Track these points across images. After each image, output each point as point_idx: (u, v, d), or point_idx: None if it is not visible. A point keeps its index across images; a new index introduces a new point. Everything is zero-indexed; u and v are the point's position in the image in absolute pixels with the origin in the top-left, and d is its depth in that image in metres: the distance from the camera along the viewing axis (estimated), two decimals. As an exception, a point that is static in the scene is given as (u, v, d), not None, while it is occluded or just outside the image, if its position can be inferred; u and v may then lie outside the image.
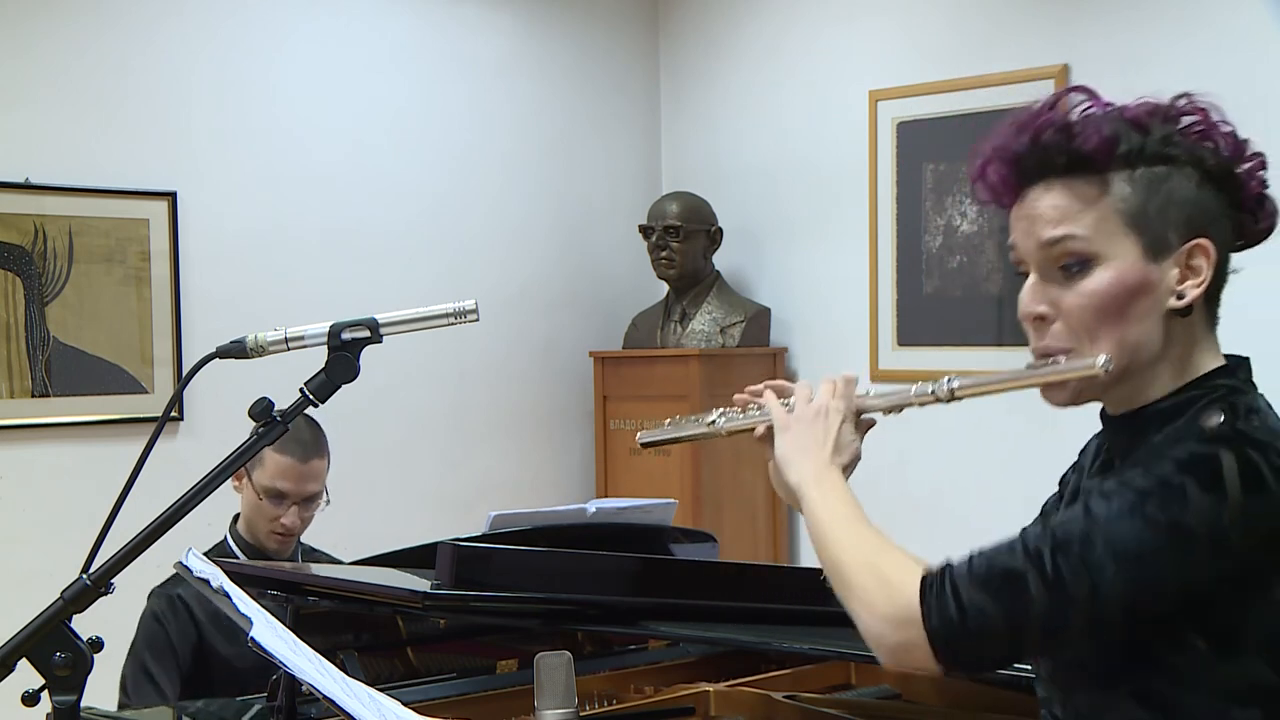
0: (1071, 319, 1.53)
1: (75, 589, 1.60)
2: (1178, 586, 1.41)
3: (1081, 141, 1.53)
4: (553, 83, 5.43)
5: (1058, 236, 1.53)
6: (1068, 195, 1.54)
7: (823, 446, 1.63)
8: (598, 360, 5.33)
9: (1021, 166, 1.57)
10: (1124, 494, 1.42)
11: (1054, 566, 1.40)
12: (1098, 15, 4.55)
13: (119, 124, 4.39)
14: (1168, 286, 1.52)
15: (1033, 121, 1.57)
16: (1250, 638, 1.44)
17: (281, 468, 3.07)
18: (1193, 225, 1.53)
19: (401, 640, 2.51)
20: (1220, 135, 1.58)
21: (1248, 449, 1.43)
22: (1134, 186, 1.52)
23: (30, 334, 4.21)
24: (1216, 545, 1.39)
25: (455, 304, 1.72)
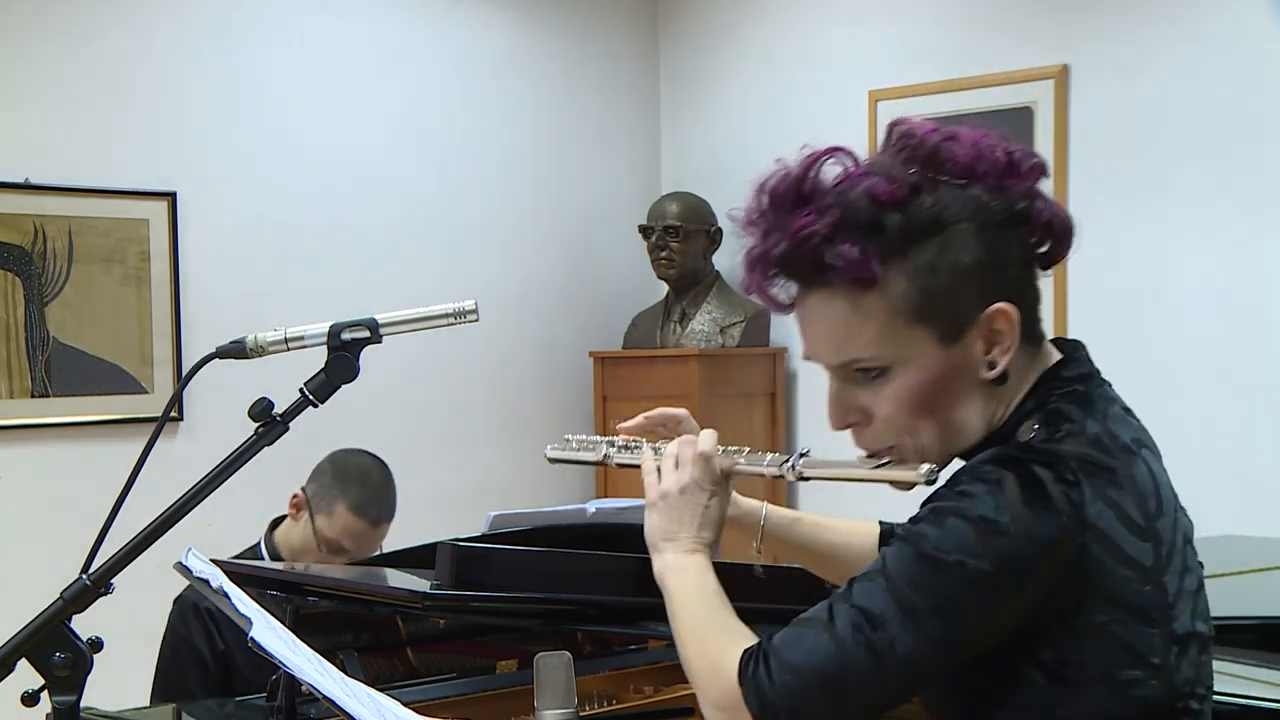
0: (885, 423, 1.47)
1: (75, 589, 1.60)
2: (984, 628, 1.36)
3: (836, 273, 1.42)
4: (552, 83, 5.42)
5: (844, 361, 1.47)
6: (840, 311, 1.44)
7: (686, 528, 1.60)
8: (597, 360, 5.33)
9: (785, 275, 1.48)
10: (911, 537, 1.38)
11: (854, 627, 1.36)
12: (1097, 16, 4.55)
13: (119, 124, 4.39)
14: (975, 360, 1.45)
15: (787, 217, 1.45)
16: (1083, 666, 1.37)
17: (351, 528, 3.05)
18: (985, 292, 1.43)
19: (401, 640, 2.51)
20: (990, 161, 1.45)
21: (1033, 466, 1.36)
22: (910, 278, 1.41)
23: (30, 334, 4.21)
24: (1011, 578, 1.34)
25: (455, 304, 1.72)
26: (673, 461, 1.64)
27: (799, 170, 1.48)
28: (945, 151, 1.44)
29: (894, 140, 1.49)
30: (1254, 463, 4.24)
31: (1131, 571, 1.37)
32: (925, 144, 1.45)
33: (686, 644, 1.52)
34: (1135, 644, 1.38)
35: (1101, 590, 1.36)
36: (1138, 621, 1.37)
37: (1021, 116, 4.67)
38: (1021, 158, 1.47)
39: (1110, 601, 1.36)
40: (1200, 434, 4.30)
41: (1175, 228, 4.43)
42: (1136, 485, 1.41)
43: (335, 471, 3.12)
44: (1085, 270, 4.53)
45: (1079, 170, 4.58)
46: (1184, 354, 4.38)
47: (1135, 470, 1.42)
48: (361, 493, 3.07)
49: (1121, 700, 1.38)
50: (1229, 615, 2.68)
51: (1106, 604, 1.36)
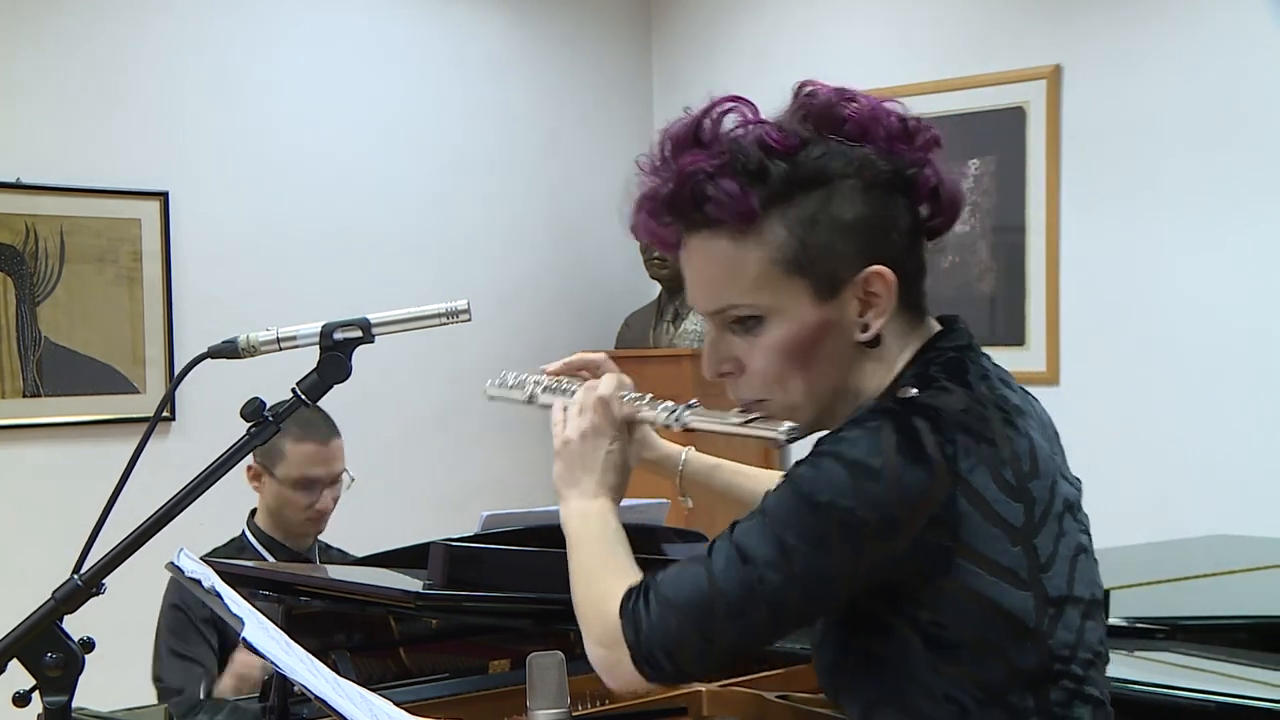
0: (756, 374, 1.49)
1: (66, 589, 1.60)
2: (853, 573, 1.37)
3: (714, 210, 1.44)
4: (546, 82, 5.43)
5: (720, 307, 1.48)
6: (720, 253, 1.45)
7: (589, 474, 1.62)
8: (590, 360, 5.33)
9: (668, 215, 1.49)
10: (790, 479, 1.40)
11: (726, 561, 1.39)
12: (1091, 14, 4.56)
13: (111, 124, 4.38)
14: (849, 321, 1.46)
15: (677, 157, 1.47)
16: (957, 629, 1.38)
17: (308, 455, 3.09)
18: (863, 251, 1.44)
19: (394, 640, 2.51)
20: (883, 125, 1.46)
21: (912, 417, 1.38)
22: (789, 228, 1.43)
23: (22, 334, 4.20)
24: (881, 524, 1.35)
25: (447, 304, 1.72)
26: (576, 408, 1.66)
27: (697, 114, 1.50)
28: (840, 110, 1.46)
29: (796, 98, 1.51)
30: (1247, 461, 4.25)
31: (999, 529, 1.38)
32: (820, 100, 1.48)
33: (577, 584, 1.55)
34: (1005, 604, 1.38)
35: (969, 546, 1.37)
36: (1006, 582, 1.38)
37: (1014, 116, 4.68)
38: (916, 127, 1.48)
39: (977, 559, 1.37)
40: (1193, 432, 4.31)
41: (1168, 227, 4.43)
42: (1011, 446, 1.42)
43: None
44: (1078, 269, 4.54)
45: (1071, 170, 4.59)
46: (1177, 352, 4.39)
47: (1010, 432, 1.43)
48: (297, 423, 3.07)
49: (996, 663, 1.39)
50: (1222, 615, 2.69)
51: (974, 561, 1.37)
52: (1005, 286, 4.73)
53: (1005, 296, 4.72)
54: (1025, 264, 4.63)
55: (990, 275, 4.76)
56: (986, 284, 4.78)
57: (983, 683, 1.39)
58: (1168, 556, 3.50)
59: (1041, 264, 4.57)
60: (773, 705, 2.34)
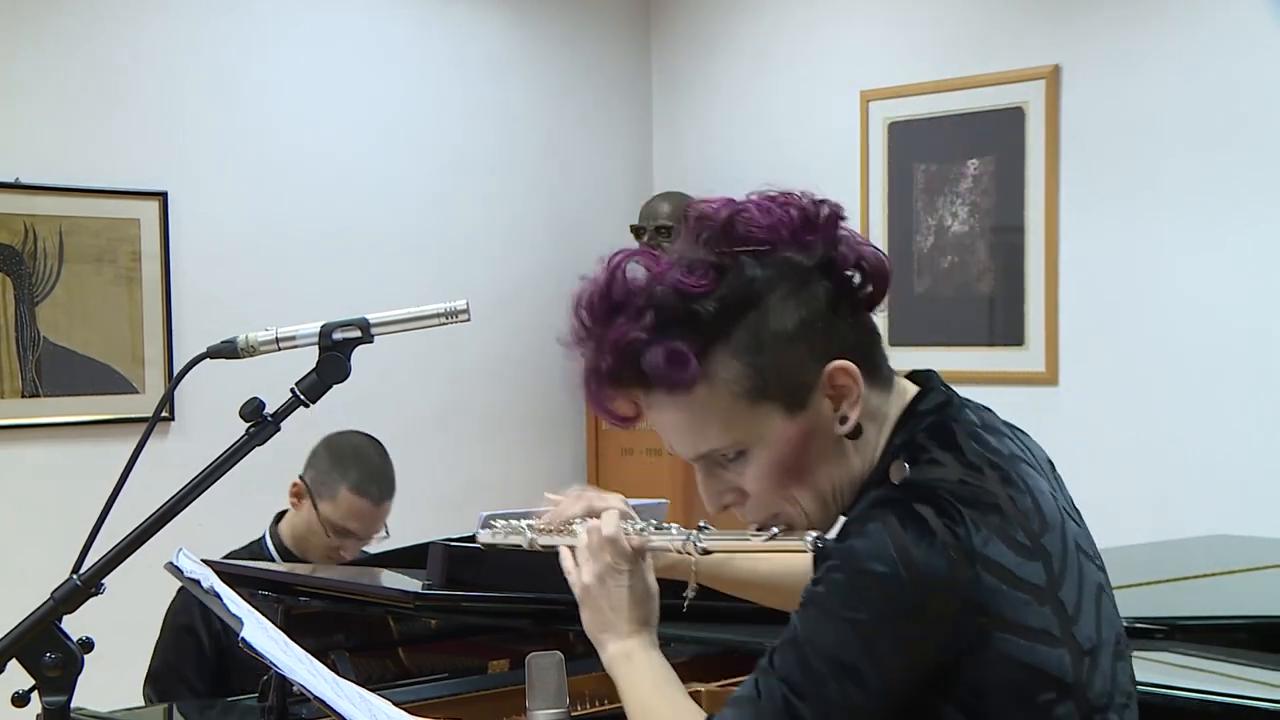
0: (759, 499, 1.48)
1: (65, 589, 1.60)
2: (902, 673, 1.36)
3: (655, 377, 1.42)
4: (545, 82, 5.43)
5: (700, 454, 1.48)
6: (682, 409, 1.44)
7: (618, 614, 1.60)
8: (589, 360, 5.33)
9: (618, 385, 1.47)
10: (815, 599, 1.38)
11: (784, 700, 1.37)
12: (1090, 15, 4.56)
13: (110, 123, 4.38)
14: (827, 421, 1.45)
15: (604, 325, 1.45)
16: (997, 696, 1.37)
17: (355, 509, 3.05)
18: (816, 353, 1.43)
19: (393, 640, 2.51)
20: (784, 220, 1.44)
21: (914, 504, 1.37)
22: (738, 357, 1.41)
23: (21, 334, 4.20)
24: (913, 622, 1.34)
25: (446, 304, 1.72)
26: (585, 553, 1.64)
27: (604, 278, 1.48)
28: (738, 224, 1.44)
29: (691, 225, 1.48)
30: (1246, 461, 4.25)
31: (1025, 594, 1.37)
32: (717, 221, 1.45)
33: None
34: (1043, 666, 1.37)
35: (1000, 618, 1.36)
36: (1040, 643, 1.37)
37: (1013, 116, 4.68)
38: (815, 209, 1.46)
39: (1010, 628, 1.36)
40: (1193, 432, 4.31)
41: (1167, 227, 4.43)
42: (1015, 506, 1.40)
43: (332, 455, 3.12)
44: (1077, 269, 4.54)
45: (1070, 170, 4.59)
46: (1176, 352, 4.39)
47: (1012, 490, 1.42)
48: (361, 473, 3.07)
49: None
50: (1220, 615, 2.69)
51: (1007, 630, 1.36)
52: (1004, 286, 4.73)
53: (1004, 296, 4.72)
54: (1024, 264, 4.63)
55: (989, 275, 4.75)
56: (985, 284, 4.78)
57: None
58: (1167, 556, 3.50)
59: (1040, 264, 4.56)
60: (772, 705, 2.34)
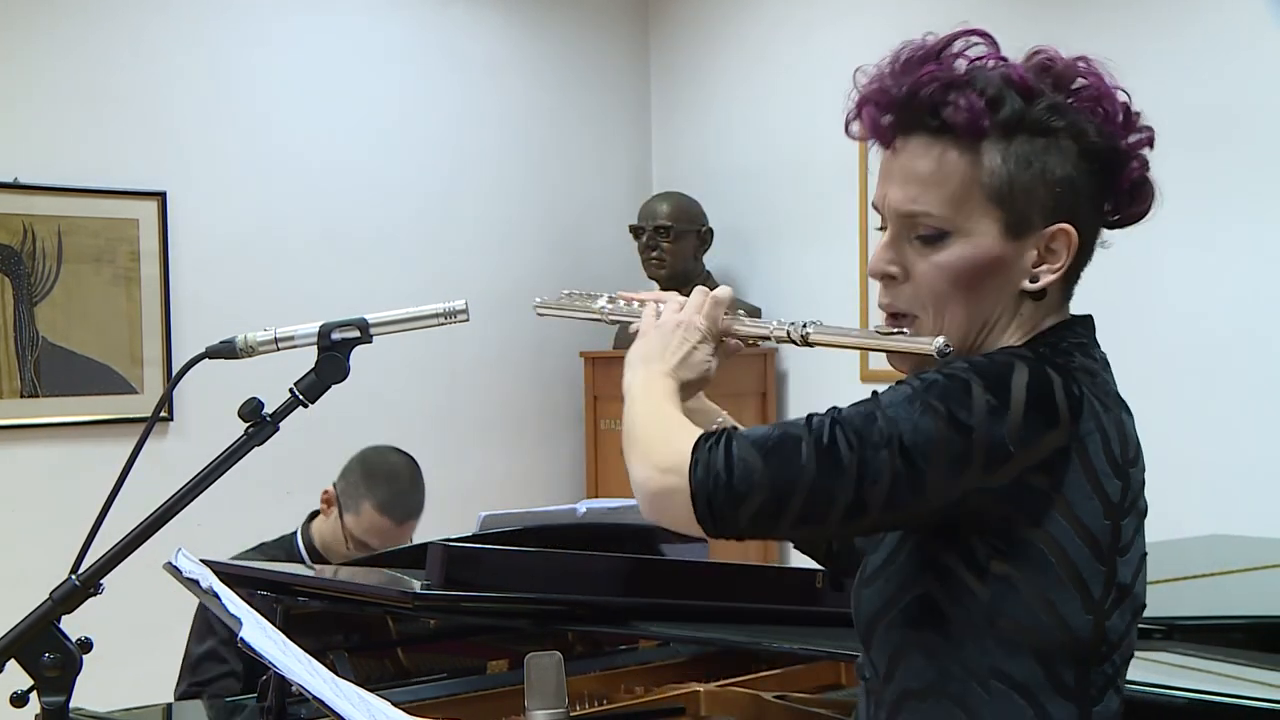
0: (920, 287, 1.50)
1: (64, 590, 1.60)
2: (946, 485, 1.37)
3: (951, 115, 1.47)
4: (544, 83, 5.43)
5: (916, 211, 1.49)
6: (934, 160, 1.48)
7: (669, 357, 1.60)
8: (588, 360, 5.33)
9: (895, 114, 1.52)
10: (911, 382, 1.41)
11: (830, 437, 1.37)
12: (1088, 15, 4.56)
13: (108, 124, 4.38)
14: (1023, 267, 1.49)
15: (916, 68, 1.53)
16: (1028, 582, 1.40)
17: (377, 527, 3.08)
18: (1060, 208, 1.48)
19: (392, 641, 2.51)
20: (1112, 104, 1.52)
21: (1047, 367, 1.42)
22: (1006, 159, 1.46)
23: (19, 334, 4.20)
24: (991, 452, 1.36)
25: (445, 304, 1.72)
26: (677, 302, 1.65)
27: (947, 36, 1.57)
28: (1079, 76, 1.52)
29: (1034, 59, 1.55)
30: (1246, 461, 4.25)
31: (1097, 498, 1.41)
32: (1062, 64, 1.53)
33: (639, 420, 1.51)
34: (1080, 568, 1.41)
35: (1067, 501, 1.39)
36: (1088, 547, 1.41)
37: (1012, 117, 4.68)
38: (1136, 121, 1.54)
39: (1070, 518, 1.40)
40: (1192, 432, 4.31)
41: (1165, 226, 4.40)
42: (1120, 427, 1.47)
43: (364, 470, 3.15)
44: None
45: (1069, 170, 4.59)
46: (1174, 352, 4.39)
47: (1121, 415, 1.49)
48: (387, 493, 3.10)
49: (1054, 625, 1.41)
50: (1219, 614, 2.69)
51: (1066, 518, 1.40)
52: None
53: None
54: (1023, 264, 4.62)
55: (988, 275, 4.77)
56: (984, 284, 4.79)
57: (1034, 645, 1.41)
58: (1166, 556, 3.50)
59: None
60: (770, 705, 2.35)
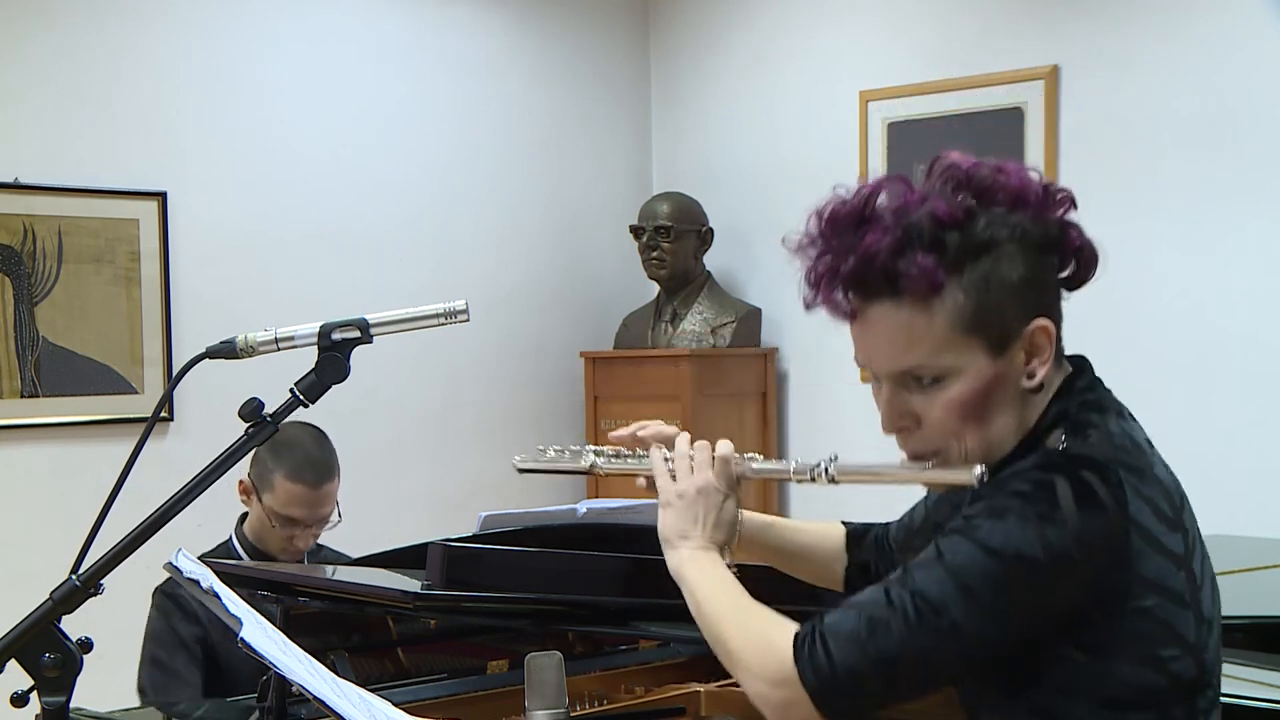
0: (935, 428, 1.58)
1: (64, 590, 1.60)
2: (1035, 614, 1.48)
3: (909, 280, 1.53)
4: (543, 83, 5.42)
5: (905, 368, 1.56)
6: (905, 320, 1.55)
7: (701, 528, 1.68)
8: (588, 360, 5.33)
9: (852, 290, 1.58)
10: (969, 531, 1.49)
11: (915, 611, 1.46)
12: (1088, 15, 4.56)
13: (108, 123, 4.38)
14: (1018, 372, 1.57)
15: (850, 233, 1.58)
16: (1125, 645, 1.50)
17: (294, 495, 3.02)
18: (1029, 308, 1.56)
19: (392, 641, 2.51)
20: (1031, 191, 1.58)
21: (1082, 471, 1.49)
22: (967, 291, 1.53)
23: (19, 334, 4.20)
24: (1064, 569, 1.46)
25: (445, 304, 1.72)
26: (687, 462, 1.72)
27: (860, 197, 1.59)
28: (997, 182, 1.57)
29: (939, 172, 1.60)
30: (1246, 461, 4.25)
31: (1167, 560, 1.51)
32: (977, 175, 1.58)
33: (724, 628, 1.59)
34: (1173, 623, 1.51)
35: (1142, 577, 1.49)
36: (1174, 604, 1.51)
37: (1012, 117, 4.68)
38: (1054, 191, 1.60)
39: (1150, 587, 1.49)
40: (1189, 433, 4.30)
41: (1165, 226, 4.43)
42: (1161, 481, 1.56)
43: (268, 448, 3.08)
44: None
45: (1069, 170, 4.59)
46: (1175, 351, 4.39)
47: (1157, 468, 1.57)
48: (294, 459, 3.03)
49: (1158, 674, 1.51)
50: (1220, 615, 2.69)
51: (1147, 590, 1.49)
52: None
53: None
54: (1023, 264, 4.62)
55: (988, 275, 4.76)
56: (984, 284, 4.78)
57: (1143, 700, 1.51)
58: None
59: (1039, 264, 4.56)
60: (771, 705, 2.34)
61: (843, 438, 5.03)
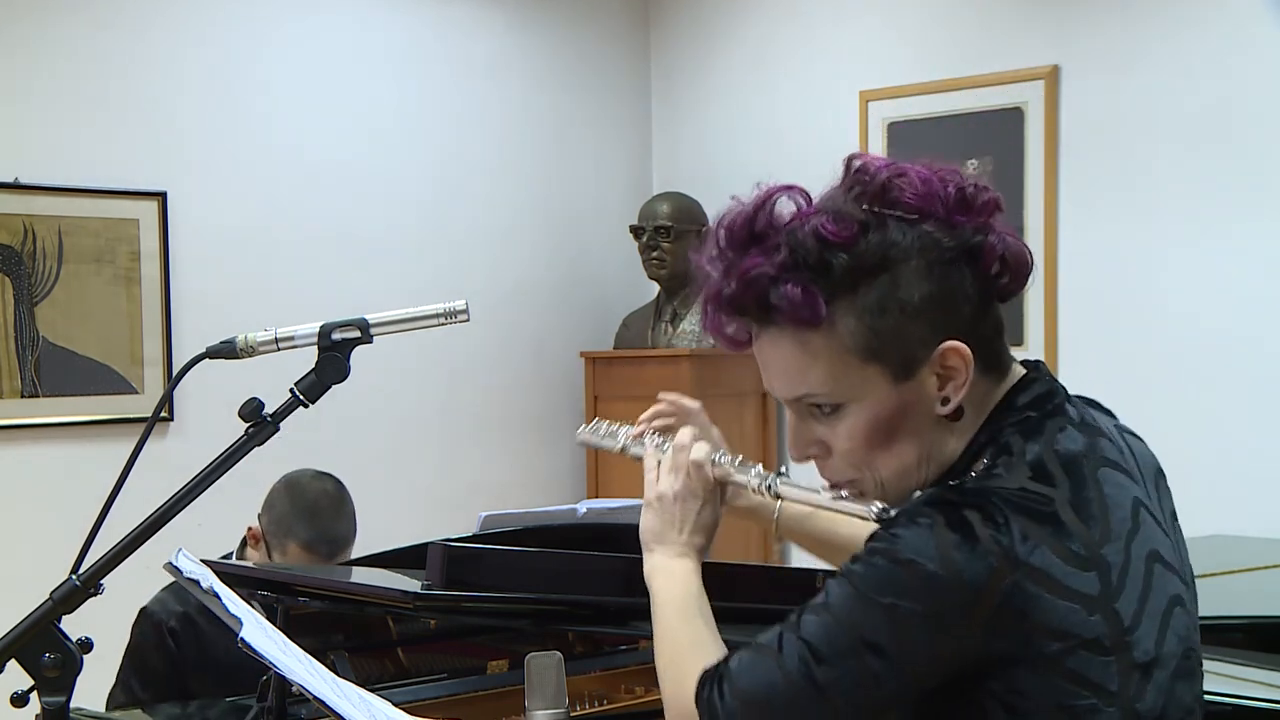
0: (843, 456, 1.48)
1: (64, 590, 1.60)
2: (922, 665, 1.37)
3: (779, 318, 1.43)
4: (544, 83, 5.42)
5: (798, 395, 1.48)
6: (794, 347, 1.45)
7: (679, 531, 1.65)
8: (588, 360, 5.33)
9: (737, 314, 1.48)
10: (849, 583, 1.38)
11: (800, 664, 1.38)
12: (1088, 15, 4.56)
13: (109, 124, 4.38)
14: (929, 397, 1.45)
15: (741, 252, 1.46)
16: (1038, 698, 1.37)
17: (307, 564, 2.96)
18: (935, 328, 1.42)
19: (392, 641, 2.51)
20: (941, 197, 1.44)
21: (965, 510, 1.36)
22: (860, 316, 1.41)
23: (19, 334, 4.20)
24: (946, 618, 1.34)
25: (445, 304, 1.72)
26: (670, 462, 1.68)
27: (752, 208, 1.47)
28: (894, 188, 1.43)
29: (849, 175, 1.48)
30: (1246, 461, 4.25)
31: (1074, 603, 1.36)
32: (875, 180, 1.44)
33: (660, 652, 1.59)
34: (1087, 673, 1.37)
35: (1043, 625, 1.35)
36: (1089, 651, 1.36)
37: (1012, 117, 4.68)
38: (974, 193, 1.45)
39: (1054, 635, 1.35)
40: (1193, 431, 4.31)
41: (1165, 226, 4.43)
42: (1077, 516, 1.39)
43: (285, 506, 3.02)
44: (1075, 269, 4.54)
45: (1069, 170, 4.59)
46: (1176, 351, 4.39)
47: (1083, 494, 1.41)
48: (310, 530, 2.97)
49: None
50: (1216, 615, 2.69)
51: (1051, 637, 1.35)
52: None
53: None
54: (1023, 264, 4.62)
55: (988, 275, 4.76)
56: (984, 284, 4.78)
57: None
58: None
59: (1040, 264, 4.53)
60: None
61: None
